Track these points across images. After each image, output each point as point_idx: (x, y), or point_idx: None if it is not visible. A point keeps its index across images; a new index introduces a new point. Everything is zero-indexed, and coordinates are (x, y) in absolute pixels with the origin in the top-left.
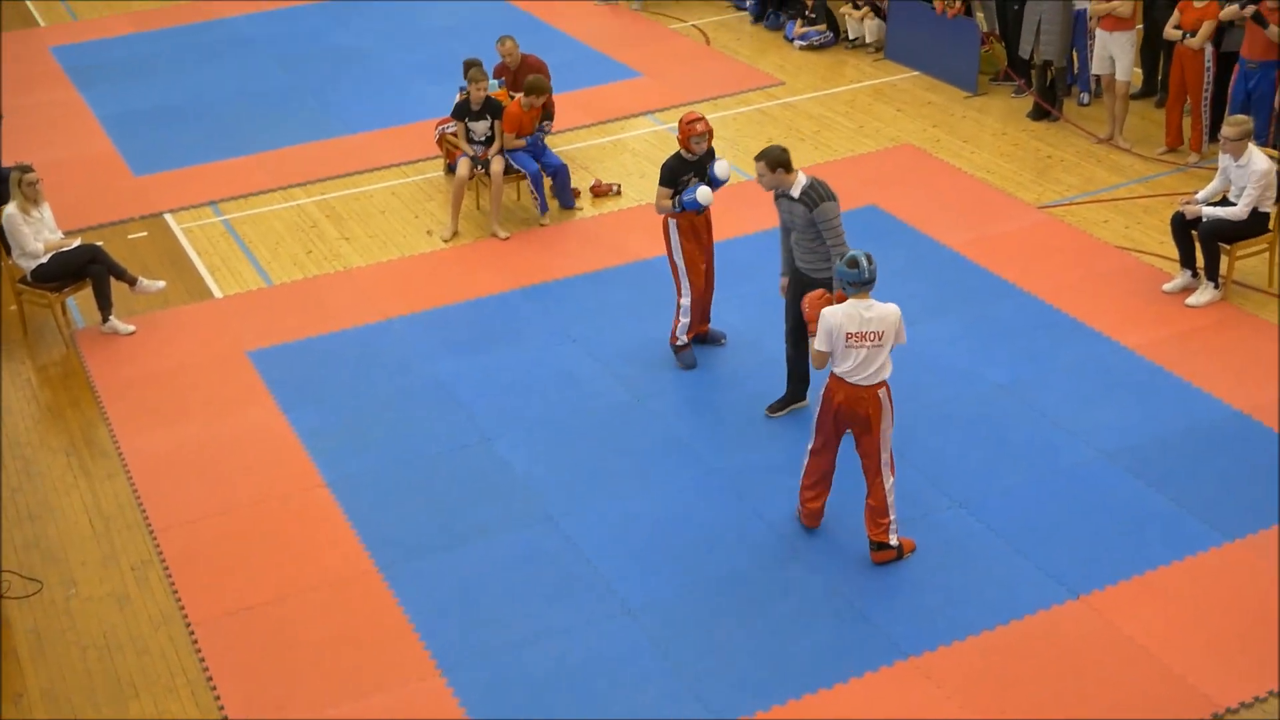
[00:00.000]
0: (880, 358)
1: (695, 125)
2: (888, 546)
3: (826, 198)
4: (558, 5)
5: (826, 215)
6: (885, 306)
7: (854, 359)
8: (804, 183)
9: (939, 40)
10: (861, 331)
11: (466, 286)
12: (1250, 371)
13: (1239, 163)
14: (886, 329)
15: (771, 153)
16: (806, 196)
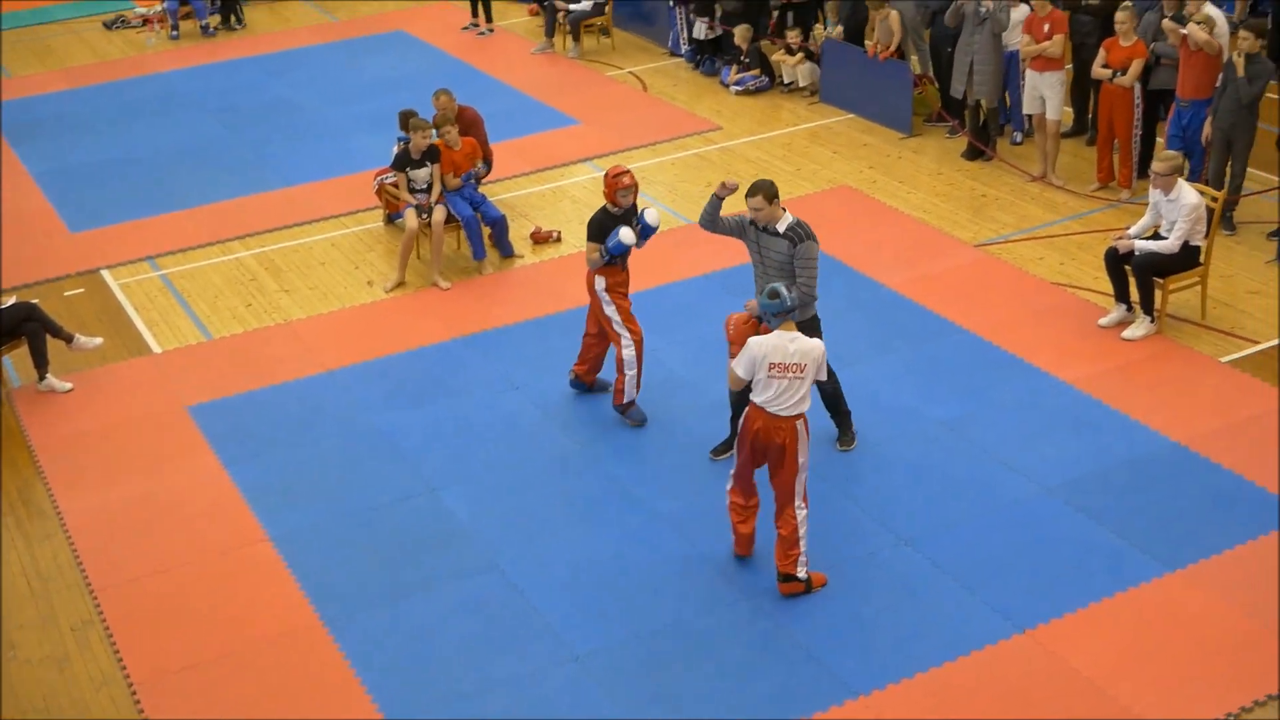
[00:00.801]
0: (800, 390)
1: (621, 179)
2: (795, 579)
3: (809, 237)
4: (495, 55)
5: (809, 254)
6: (810, 341)
7: (775, 389)
8: (790, 220)
9: (873, 83)
10: (785, 363)
11: (408, 337)
12: (1186, 403)
13: (1169, 198)
14: (809, 362)
15: (767, 186)
16: (792, 232)
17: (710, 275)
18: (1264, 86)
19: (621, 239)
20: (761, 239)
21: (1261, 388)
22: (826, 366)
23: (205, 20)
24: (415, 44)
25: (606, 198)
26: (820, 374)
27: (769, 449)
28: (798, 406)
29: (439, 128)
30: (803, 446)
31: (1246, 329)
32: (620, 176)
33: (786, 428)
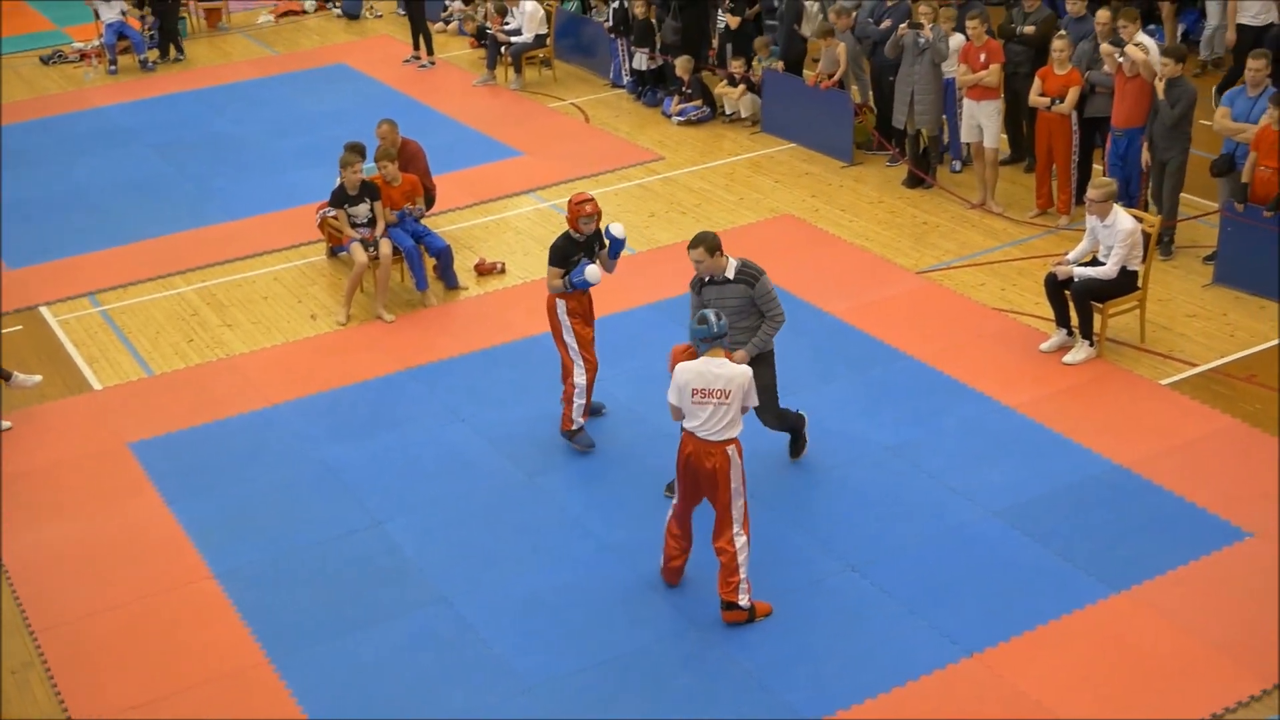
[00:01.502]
0: (728, 415)
1: (584, 206)
2: (737, 607)
3: (760, 273)
4: (437, 87)
5: (767, 289)
6: (736, 367)
7: (701, 415)
8: (735, 264)
9: (814, 112)
10: (708, 389)
11: (352, 370)
12: (1128, 426)
13: (1105, 223)
14: (734, 389)
15: (709, 238)
16: (743, 275)
17: (657, 305)
18: (1186, 110)
19: (587, 276)
20: (710, 292)
21: (1201, 410)
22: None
23: (144, 55)
24: (357, 77)
25: (569, 224)
26: (749, 400)
27: (700, 474)
28: (725, 431)
29: (378, 161)
30: (736, 472)
31: (1185, 352)
32: (583, 204)
33: (717, 453)
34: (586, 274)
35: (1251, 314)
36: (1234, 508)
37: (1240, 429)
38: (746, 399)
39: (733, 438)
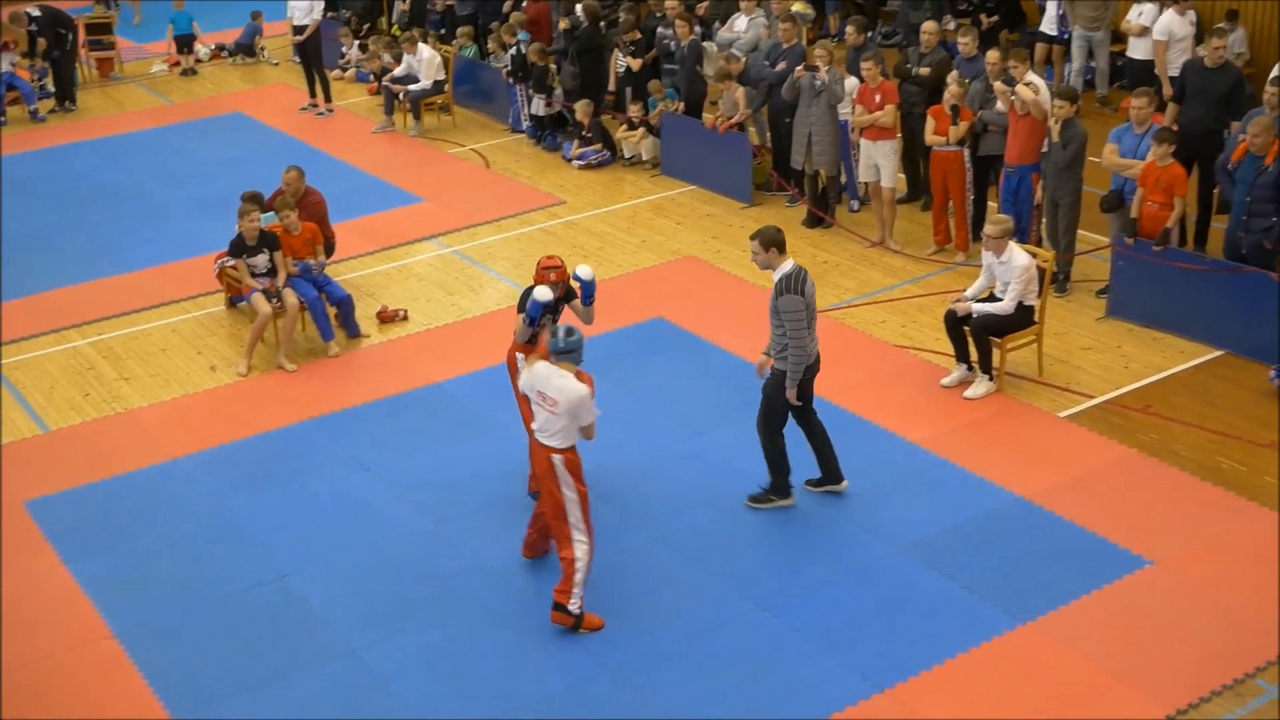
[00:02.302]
0: (556, 425)
1: (549, 274)
2: (566, 610)
3: (792, 290)
4: (336, 134)
5: (787, 307)
6: (574, 385)
7: (539, 419)
8: (786, 270)
9: (713, 154)
10: (543, 393)
11: (254, 421)
12: (1028, 459)
13: (1002, 260)
14: (564, 400)
15: (764, 232)
16: (781, 283)
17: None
18: (1078, 150)
19: (536, 296)
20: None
21: (1099, 441)
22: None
23: (34, 105)
24: (253, 125)
25: (535, 280)
26: (581, 420)
27: (537, 470)
28: (551, 440)
29: (278, 211)
30: (564, 480)
31: (1082, 384)
32: (549, 270)
33: (543, 457)
34: (536, 294)
35: (1145, 345)
36: (1133, 536)
37: (1137, 459)
38: (577, 418)
39: (559, 448)
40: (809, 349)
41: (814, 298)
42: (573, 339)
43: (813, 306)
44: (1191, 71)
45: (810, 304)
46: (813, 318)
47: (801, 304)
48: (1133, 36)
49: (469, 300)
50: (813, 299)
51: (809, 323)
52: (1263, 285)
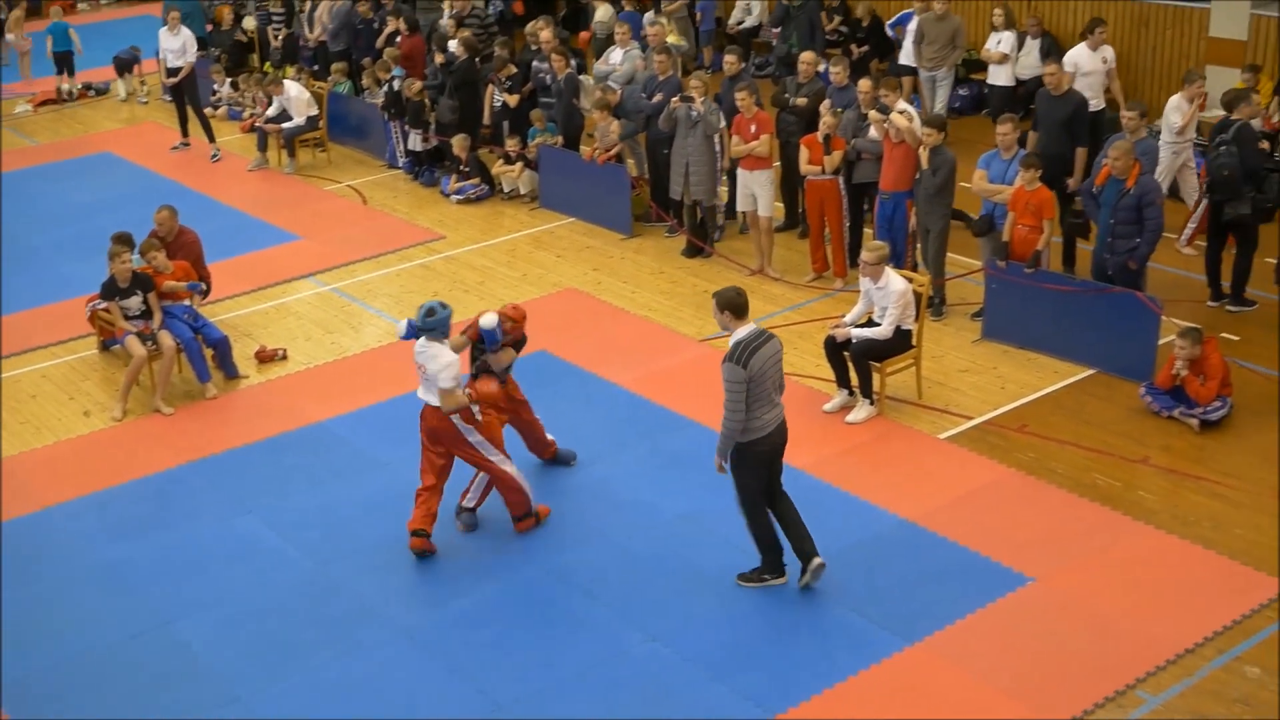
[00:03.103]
0: (433, 388)
1: (505, 323)
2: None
3: (735, 359)
4: (210, 173)
5: (726, 375)
6: (442, 352)
7: (425, 387)
8: (739, 336)
9: (591, 187)
10: (422, 365)
11: (131, 466)
12: (911, 481)
13: (879, 285)
14: (431, 366)
15: (723, 294)
16: (730, 349)
17: None
18: (948, 176)
19: (482, 324)
20: None
21: (978, 461)
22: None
23: None
24: (124, 165)
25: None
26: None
27: (433, 437)
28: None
29: (144, 253)
30: (466, 430)
31: (960, 406)
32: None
33: (444, 420)
34: (481, 321)
35: (1020, 366)
36: (1015, 554)
37: (1016, 477)
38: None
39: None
40: (753, 424)
41: (774, 366)
42: (432, 318)
43: (769, 376)
44: (1039, 99)
45: (760, 375)
46: (772, 387)
47: (741, 375)
48: (993, 64)
49: (349, 338)
50: (770, 368)
51: (758, 395)
52: (1130, 304)
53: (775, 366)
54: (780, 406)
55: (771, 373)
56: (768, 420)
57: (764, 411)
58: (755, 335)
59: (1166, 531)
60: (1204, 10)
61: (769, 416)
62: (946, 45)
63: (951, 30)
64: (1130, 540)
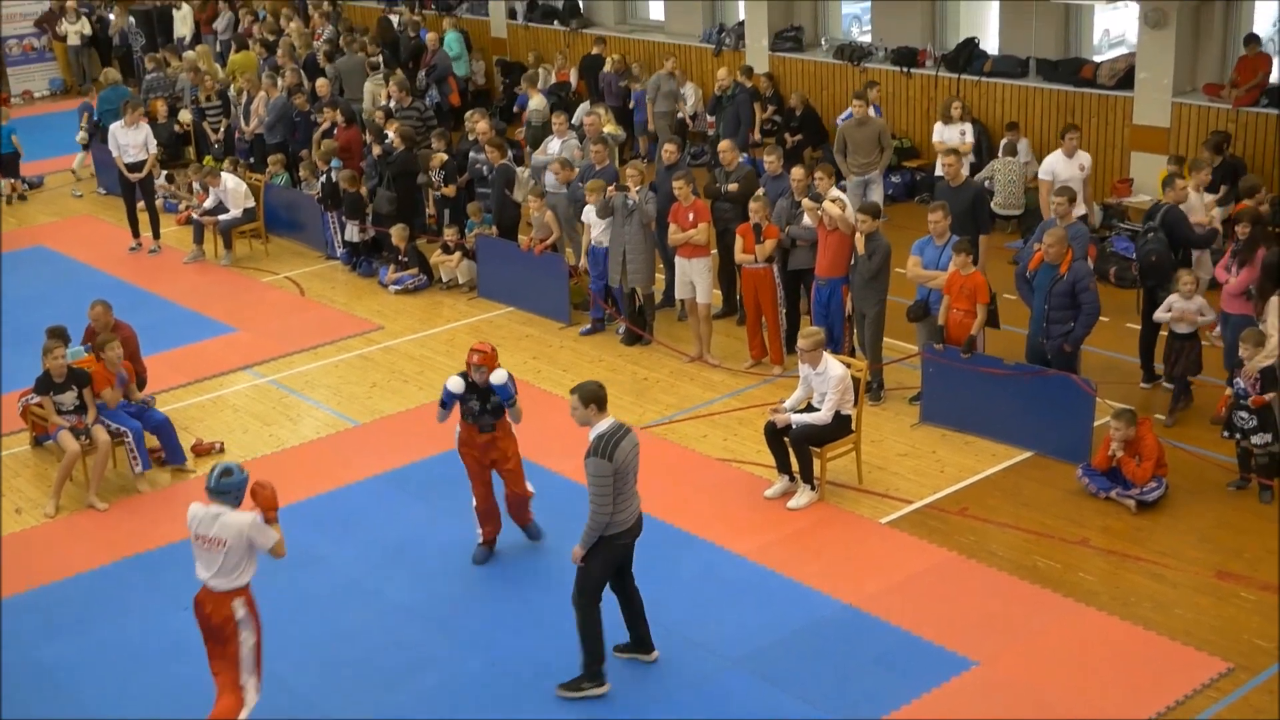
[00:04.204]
0: (227, 563)
1: (471, 355)
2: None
3: (600, 453)
4: (145, 266)
5: (592, 470)
6: (237, 518)
7: (207, 565)
8: (601, 429)
9: (529, 276)
10: (203, 536)
11: (65, 564)
12: (853, 566)
13: (817, 371)
14: (230, 538)
15: (585, 388)
16: (592, 444)
17: (383, 476)
18: (882, 262)
19: (447, 385)
20: None
21: (919, 545)
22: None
23: None
24: (57, 259)
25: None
26: (261, 544)
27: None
28: (226, 582)
29: (101, 348)
30: (245, 626)
31: (901, 490)
32: (472, 352)
33: (222, 606)
34: (448, 385)
35: (958, 449)
36: (958, 638)
37: (957, 561)
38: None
39: (238, 588)
40: (617, 517)
41: (634, 458)
42: (227, 479)
43: (630, 468)
44: (939, 190)
45: (624, 468)
46: (630, 480)
47: (608, 469)
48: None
49: (287, 430)
50: (631, 460)
51: (622, 487)
52: (1065, 387)
53: (635, 459)
54: (638, 499)
55: (632, 466)
56: (633, 510)
57: (626, 504)
58: (616, 429)
59: (1108, 613)
60: (1128, 99)
61: (633, 506)
62: (873, 150)
63: (875, 134)
64: (1072, 622)
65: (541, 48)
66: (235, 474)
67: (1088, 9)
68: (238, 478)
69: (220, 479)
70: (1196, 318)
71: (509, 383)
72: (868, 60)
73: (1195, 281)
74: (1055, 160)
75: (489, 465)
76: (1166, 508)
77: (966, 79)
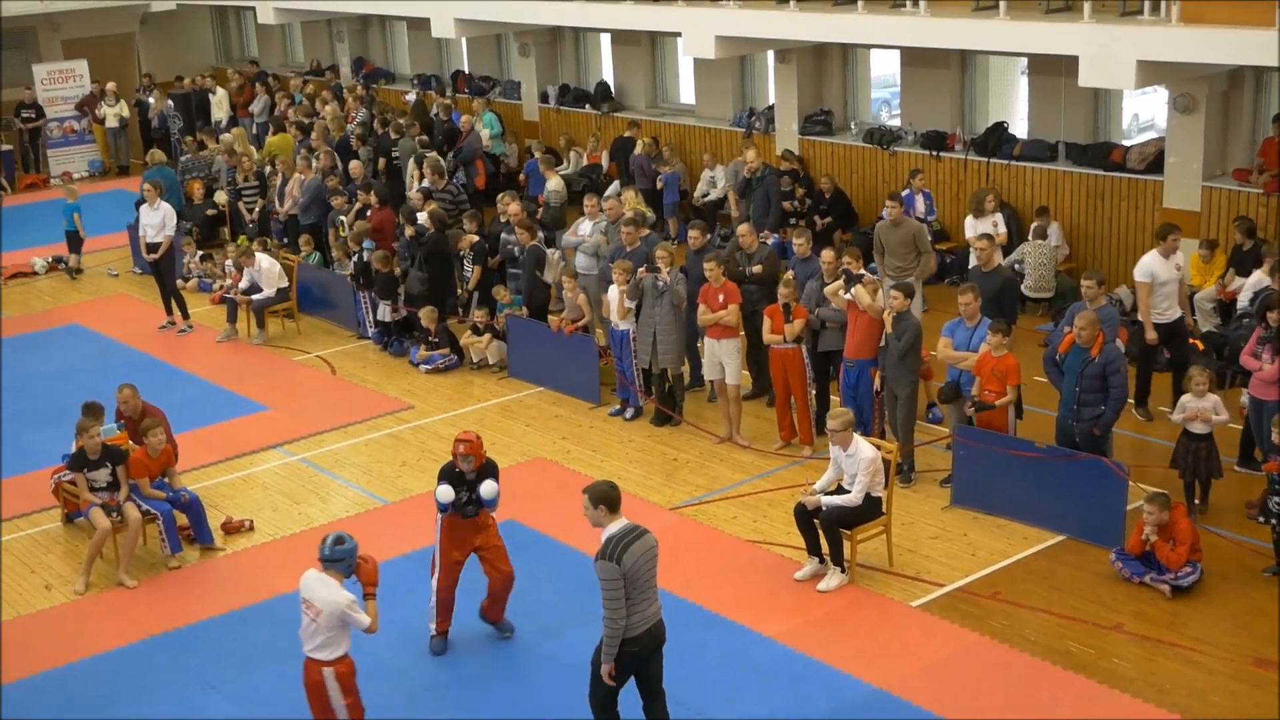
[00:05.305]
0: (319, 634)
1: (457, 445)
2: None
3: (608, 556)
4: (178, 344)
5: (601, 574)
6: (337, 594)
7: (304, 627)
8: (612, 530)
9: (559, 356)
10: (308, 600)
11: (92, 642)
12: (883, 649)
13: (848, 453)
14: (325, 610)
15: (596, 488)
16: (603, 546)
17: (411, 555)
18: (912, 341)
19: (438, 498)
20: None
21: (950, 629)
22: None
23: None
24: (91, 336)
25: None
26: (354, 623)
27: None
28: (318, 652)
29: (145, 434)
30: (334, 695)
31: (931, 573)
32: (457, 442)
33: (313, 672)
34: (438, 493)
35: (989, 532)
36: None
37: (988, 645)
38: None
39: (329, 660)
40: (635, 621)
41: (648, 562)
42: (340, 548)
43: (644, 571)
44: (971, 274)
45: (634, 572)
46: (648, 584)
47: (616, 573)
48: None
49: (316, 509)
50: (644, 563)
51: (633, 593)
52: (1098, 470)
53: (650, 564)
54: (657, 605)
55: (645, 570)
56: (646, 617)
57: (640, 609)
58: (627, 531)
59: (1143, 699)
60: (1158, 183)
61: (648, 613)
62: (909, 254)
63: (910, 236)
64: (1106, 708)
65: (573, 131)
66: (347, 543)
67: (1117, 93)
68: (349, 546)
69: (333, 548)
70: (1212, 416)
71: (497, 498)
72: (897, 144)
73: (1209, 379)
74: (1153, 261)
75: (472, 549)
76: (1202, 593)
77: (996, 162)
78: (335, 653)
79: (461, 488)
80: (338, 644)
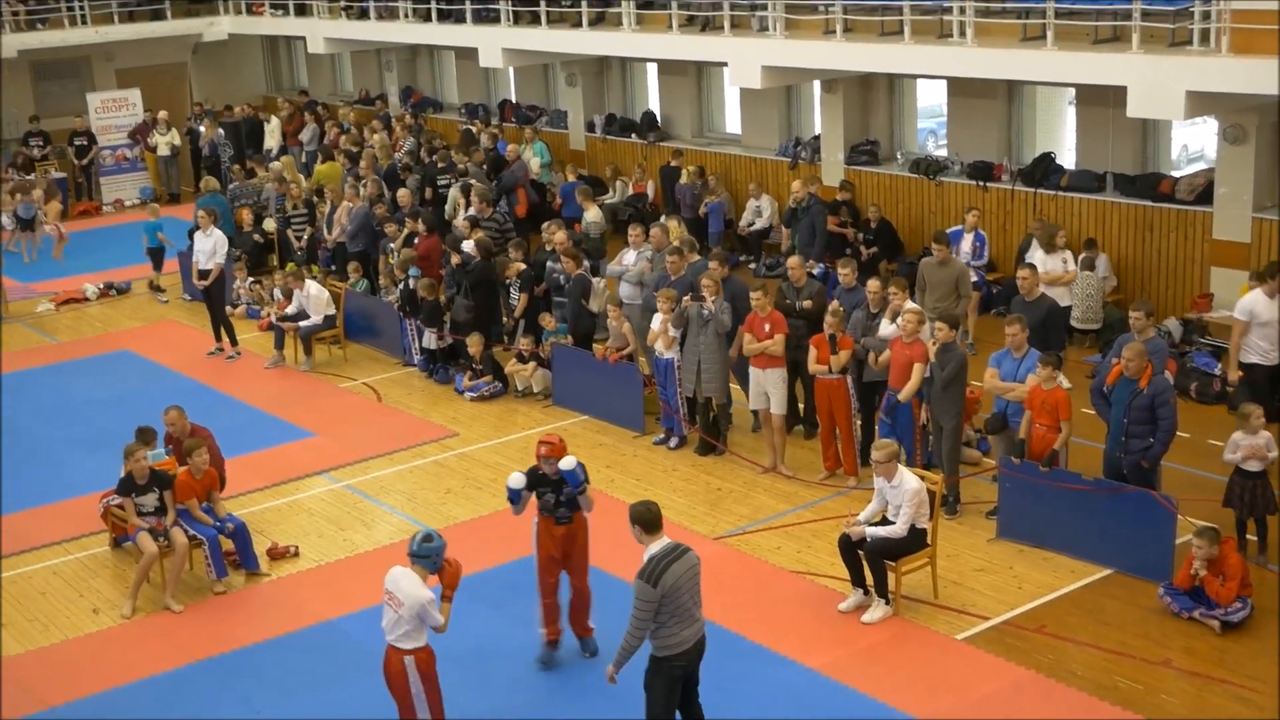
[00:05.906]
0: (400, 625)
1: (540, 446)
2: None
3: (645, 577)
4: (226, 370)
5: (636, 593)
6: (419, 591)
7: (387, 618)
8: (653, 550)
9: (604, 385)
10: (392, 593)
11: (138, 665)
12: (927, 682)
13: (893, 484)
14: (408, 603)
15: (635, 509)
16: (644, 565)
17: None
18: (956, 372)
19: (509, 482)
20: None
21: (996, 663)
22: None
23: None
24: (141, 362)
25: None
26: (429, 621)
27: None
28: (400, 641)
29: (188, 454)
30: (414, 681)
31: (977, 606)
32: (540, 444)
33: (395, 660)
34: (509, 480)
35: (1036, 565)
36: None
37: (1035, 680)
38: (424, 620)
39: (409, 649)
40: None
41: (690, 581)
42: (428, 545)
43: (685, 591)
44: (1014, 304)
45: (674, 590)
46: (690, 603)
47: (652, 595)
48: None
49: (361, 535)
50: (686, 583)
51: (675, 610)
52: (1146, 504)
53: (692, 581)
54: (700, 622)
55: (688, 587)
56: (686, 636)
57: (681, 628)
58: (669, 550)
59: None
60: (1207, 214)
61: (687, 633)
62: (950, 294)
63: (954, 277)
64: None
65: (619, 160)
66: (435, 540)
67: (1165, 124)
68: (437, 544)
69: (421, 544)
70: (1267, 454)
71: (578, 469)
72: (943, 174)
73: (1264, 416)
74: (1256, 300)
75: (564, 559)
76: (1252, 629)
77: (1043, 193)
78: (416, 643)
79: (547, 490)
80: (418, 635)
